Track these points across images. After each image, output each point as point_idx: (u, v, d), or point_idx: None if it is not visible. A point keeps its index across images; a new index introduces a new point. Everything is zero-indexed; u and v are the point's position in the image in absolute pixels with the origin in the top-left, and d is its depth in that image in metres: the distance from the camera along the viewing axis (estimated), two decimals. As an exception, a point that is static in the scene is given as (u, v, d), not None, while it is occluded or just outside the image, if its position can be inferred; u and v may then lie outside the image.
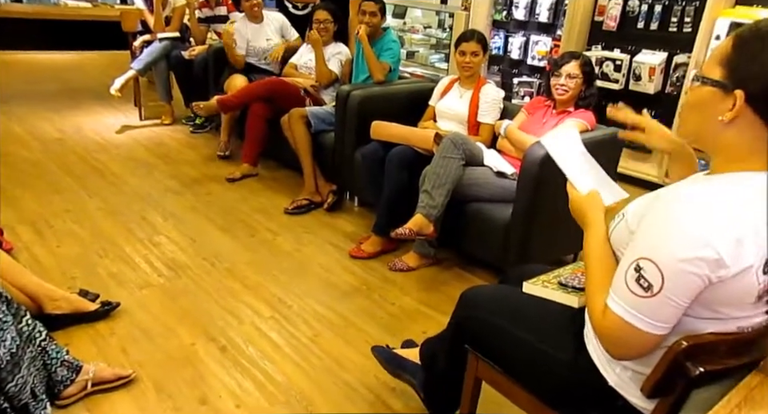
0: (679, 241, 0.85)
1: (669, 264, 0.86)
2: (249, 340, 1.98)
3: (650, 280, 0.88)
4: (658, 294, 0.88)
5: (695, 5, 3.37)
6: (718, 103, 0.88)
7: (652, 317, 0.90)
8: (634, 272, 0.90)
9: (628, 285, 0.91)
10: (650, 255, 0.88)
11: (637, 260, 0.90)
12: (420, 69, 5.27)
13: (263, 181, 3.44)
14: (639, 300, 0.90)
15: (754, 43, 0.85)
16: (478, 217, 2.41)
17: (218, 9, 4.16)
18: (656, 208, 0.92)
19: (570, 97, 2.43)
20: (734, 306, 0.91)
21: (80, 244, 2.53)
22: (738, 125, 0.88)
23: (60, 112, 4.47)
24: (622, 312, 0.93)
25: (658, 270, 0.87)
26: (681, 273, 0.86)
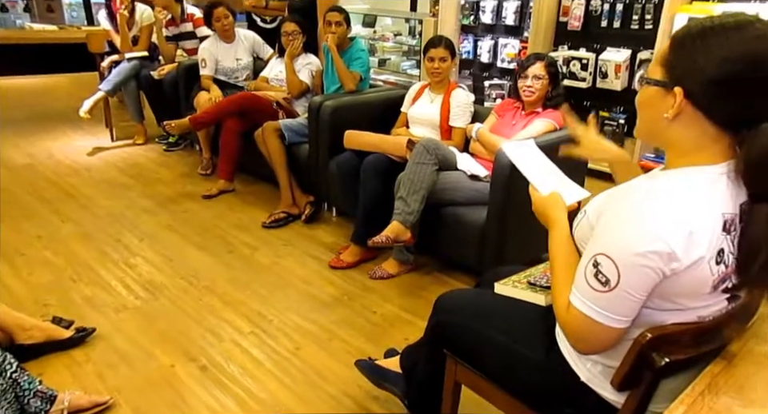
0: (632, 236, 0.88)
1: (623, 259, 0.88)
2: (229, 357, 1.96)
3: (607, 274, 0.90)
4: (615, 288, 0.90)
5: (654, 3, 3.45)
6: (661, 101, 0.91)
7: (612, 311, 0.92)
8: (593, 267, 0.92)
9: (587, 281, 0.93)
10: (606, 250, 0.90)
11: (594, 255, 0.92)
12: (392, 76, 5.30)
13: (240, 196, 3.42)
14: (598, 294, 0.92)
15: (687, 42, 0.89)
16: (453, 221, 2.42)
17: (184, 25, 4.14)
18: (611, 205, 0.95)
19: (537, 97, 2.46)
20: (690, 296, 0.93)
21: (53, 271, 2.48)
22: (682, 121, 0.90)
23: (27, 137, 4.40)
24: (583, 307, 0.95)
25: (613, 265, 0.89)
26: (635, 267, 0.88)
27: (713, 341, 0.94)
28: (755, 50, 0.84)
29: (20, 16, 8.83)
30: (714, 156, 0.90)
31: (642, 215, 0.87)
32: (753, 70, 0.84)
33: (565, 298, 0.99)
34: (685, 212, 0.86)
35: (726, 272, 0.91)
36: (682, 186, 0.89)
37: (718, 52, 0.85)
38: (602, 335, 0.95)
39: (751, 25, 0.85)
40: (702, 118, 0.89)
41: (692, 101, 0.88)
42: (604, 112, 3.80)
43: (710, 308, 0.95)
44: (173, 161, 4.03)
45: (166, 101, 4.10)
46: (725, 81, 0.85)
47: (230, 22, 3.69)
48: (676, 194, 0.88)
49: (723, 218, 0.88)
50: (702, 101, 0.88)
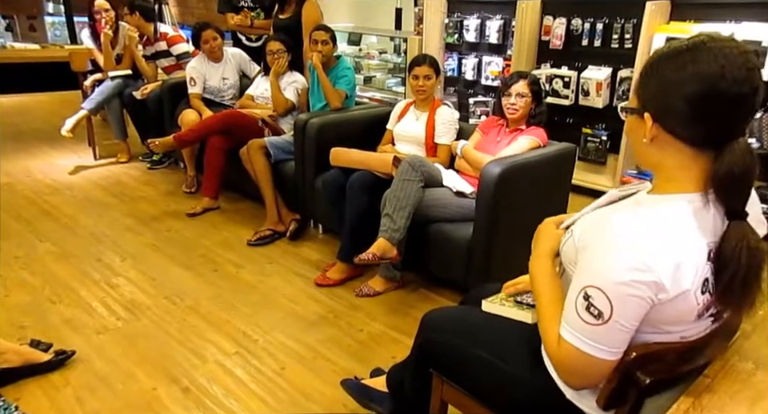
0: (621, 267, 0.87)
1: (614, 290, 0.88)
2: (213, 378, 1.92)
3: (600, 307, 0.89)
4: (609, 321, 0.89)
5: (633, 23, 3.53)
6: (639, 128, 0.95)
7: (606, 344, 0.91)
8: (583, 300, 0.91)
9: (579, 314, 0.92)
10: (596, 282, 0.89)
11: (584, 288, 0.91)
12: (378, 93, 5.34)
13: (225, 213, 3.39)
14: (592, 327, 0.91)
15: (648, 70, 0.94)
16: (440, 238, 2.42)
17: (158, 44, 4.14)
18: (597, 235, 0.94)
19: (521, 115, 2.49)
20: (675, 324, 0.93)
21: (30, 292, 2.42)
22: (658, 145, 0.94)
23: (6, 156, 4.33)
24: (576, 342, 0.93)
25: (605, 297, 0.88)
26: (626, 298, 0.87)
27: (697, 359, 0.95)
28: (706, 72, 0.85)
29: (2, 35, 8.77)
30: (698, 181, 0.91)
31: (629, 246, 0.87)
32: (707, 91, 0.86)
33: (554, 332, 0.98)
34: (671, 244, 0.87)
35: (710, 301, 0.92)
36: (667, 217, 0.90)
37: (673, 76, 0.88)
38: (597, 368, 0.93)
39: (703, 45, 0.87)
40: (674, 140, 0.92)
41: (661, 124, 0.91)
42: (586, 128, 3.85)
43: (694, 330, 0.96)
44: (157, 179, 3.99)
45: (150, 119, 4.08)
46: (684, 104, 0.87)
47: (218, 44, 3.71)
48: (662, 225, 0.89)
49: (708, 248, 0.89)
50: (668, 124, 0.91)
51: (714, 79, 0.85)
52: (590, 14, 3.73)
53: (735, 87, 0.84)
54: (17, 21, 8.90)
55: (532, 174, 2.37)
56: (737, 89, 0.84)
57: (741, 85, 0.84)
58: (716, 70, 0.85)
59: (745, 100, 0.86)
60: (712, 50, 0.86)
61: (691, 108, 0.87)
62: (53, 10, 9.18)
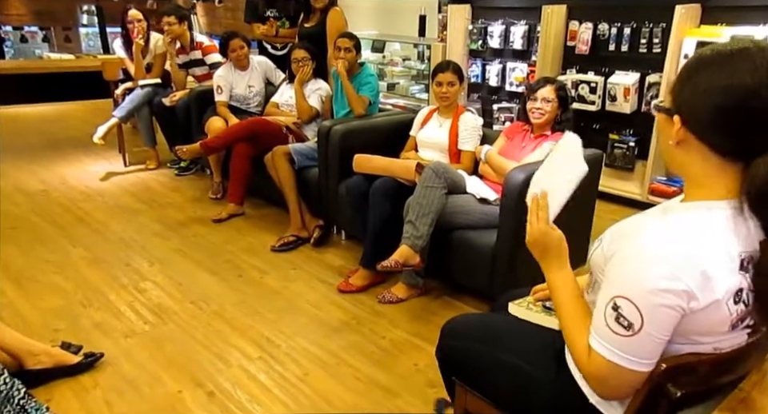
0: (649, 277, 0.85)
1: (644, 301, 0.86)
2: (237, 383, 1.94)
3: (630, 318, 0.87)
4: (639, 332, 0.87)
5: (662, 27, 3.46)
6: (668, 128, 0.93)
7: (638, 355, 0.89)
8: (612, 311, 0.89)
9: (609, 326, 0.90)
10: (625, 293, 0.88)
11: (613, 298, 0.89)
12: (401, 100, 5.35)
13: (250, 219, 3.43)
14: (622, 339, 0.89)
15: (685, 72, 0.91)
16: (463, 245, 2.41)
17: (193, 53, 4.23)
18: (625, 243, 0.92)
19: (546, 120, 2.46)
20: (708, 335, 0.91)
21: (63, 296, 2.49)
22: (686, 149, 0.91)
23: (43, 163, 4.47)
24: (607, 354, 0.91)
25: (635, 307, 0.87)
26: (657, 308, 0.86)
27: (731, 373, 0.91)
28: (741, 85, 0.83)
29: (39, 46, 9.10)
30: (728, 189, 0.89)
31: (658, 255, 0.85)
32: (738, 105, 0.83)
33: (582, 343, 0.97)
34: (700, 252, 0.85)
35: (745, 311, 0.89)
36: (696, 224, 0.88)
37: (707, 84, 0.86)
38: (629, 379, 0.91)
39: (745, 52, 0.84)
40: (703, 147, 0.89)
41: (689, 129, 0.89)
42: (614, 135, 3.79)
43: (728, 341, 0.93)
44: (184, 185, 4.07)
45: (178, 126, 4.16)
46: (714, 113, 0.85)
47: (245, 52, 3.78)
48: (691, 233, 0.87)
49: (741, 257, 0.86)
50: (697, 130, 0.89)
51: (747, 94, 0.82)
52: (617, 19, 3.68)
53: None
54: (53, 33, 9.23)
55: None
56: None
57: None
58: (751, 85, 0.82)
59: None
60: (754, 62, 0.83)
61: (721, 119, 0.85)
62: (87, 22, 9.49)
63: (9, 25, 8.79)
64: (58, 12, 9.02)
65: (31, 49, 8.98)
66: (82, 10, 9.37)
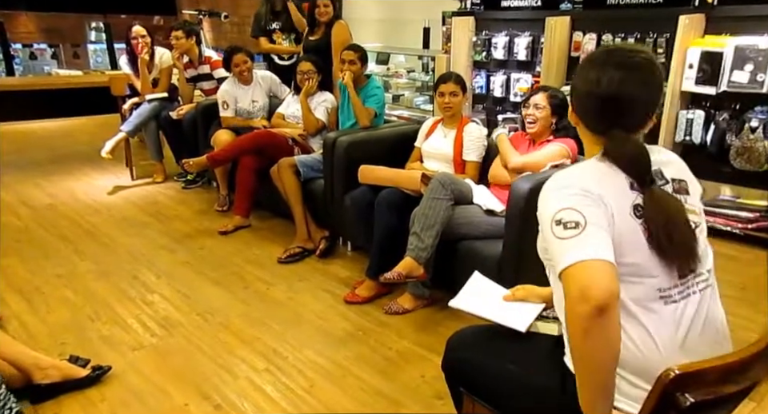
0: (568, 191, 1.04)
1: (574, 202, 1.00)
2: (243, 395, 1.93)
3: (573, 218, 0.99)
4: (587, 225, 0.97)
5: (666, 37, 3.47)
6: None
7: (598, 244, 0.96)
8: (557, 225, 1.00)
9: (559, 236, 0.98)
10: (556, 207, 1.01)
11: (552, 218, 1.01)
12: (406, 111, 5.38)
13: (256, 231, 3.44)
14: (577, 239, 0.97)
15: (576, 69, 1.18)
16: (470, 255, 2.40)
17: (201, 67, 4.28)
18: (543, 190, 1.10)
19: (540, 127, 2.48)
20: (633, 250, 1.02)
21: (71, 309, 2.50)
22: (581, 129, 1.19)
23: (50, 178, 4.52)
24: (573, 258, 0.95)
25: (572, 209, 0.99)
26: (586, 207, 1.00)
27: (740, 381, 0.90)
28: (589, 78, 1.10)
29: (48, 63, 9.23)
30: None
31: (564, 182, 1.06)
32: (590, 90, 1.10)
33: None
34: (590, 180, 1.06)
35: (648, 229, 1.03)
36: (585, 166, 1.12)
37: (579, 79, 1.14)
38: (601, 273, 0.94)
39: (596, 53, 1.16)
40: (582, 126, 1.18)
41: (575, 113, 1.18)
42: (619, 143, 3.78)
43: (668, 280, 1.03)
44: (190, 198, 4.10)
45: (184, 140, 4.20)
46: (580, 100, 1.15)
47: (248, 67, 3.81)
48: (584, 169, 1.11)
49: (628, 180, 1.06)
50: (578, 112, 1.17)
51: (594, 83, 1.09)
52: (621, 29, 3.69)
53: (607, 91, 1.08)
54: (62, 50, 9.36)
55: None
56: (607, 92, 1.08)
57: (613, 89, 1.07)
58: (596, 77, 1.09)
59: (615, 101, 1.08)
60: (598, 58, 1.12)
61: (581, 104, 1.15)
62: (95, 38, 9.62)
63: (18, 43, 8.92)
64: (66, 29, 9.15)
65: (40, 66, 9.11)
66: (90, 27, 9.51)
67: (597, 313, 0.91)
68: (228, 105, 3.81)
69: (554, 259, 1.00)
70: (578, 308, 0.93)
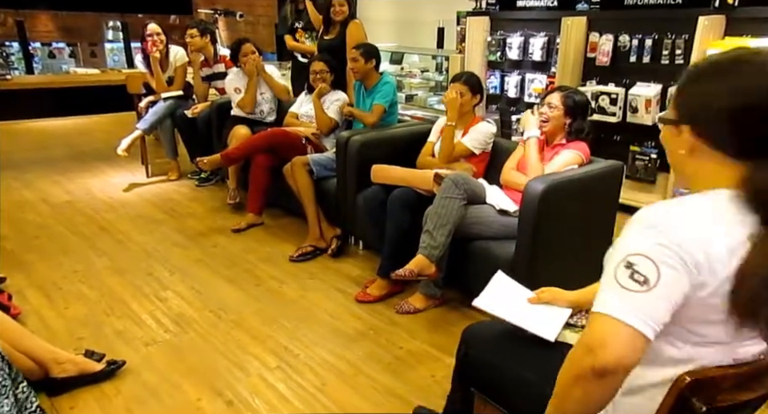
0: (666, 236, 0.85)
1: (660, 255, 0.85)
2: (255, 392, 1.94)
3: (645, 273, 0.85)
4: (654, 287, 0.84)
5: (685, 38, 3.43)
6: (676, 139, 0.96)
7: (649, 315, 0.85)
8: (626, 269, 0.86)
9: (621, 283, 0.86)
10: (639, 250, 0.86)
11: (626, 257, 0.87)
12: (419, 111, 5.37)
13: (268, 229, 3.46)
14: (636, 296, 0.85)
15: (687, 80, 0.96)
16: (482, 256, 2.39)
17: (217, 66, 4.31)
18: (632, 219, 0.92)
19: (553, 127, 2.46)
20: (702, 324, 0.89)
21: (87, 305, 2.53)
22: (697, 156, 0.94)
23: (68, 175, 4.58)
24: (617, 312, 0.85)
25: (651, 262, 0.85)
26: (671, 268, 0.84)
27: (757, 388, 0.89)
28: (749, 85, 0.87)
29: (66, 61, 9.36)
30: (735, 181, 0.90)
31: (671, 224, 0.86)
32: (748, 105, 0.87)
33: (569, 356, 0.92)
34: (706, 228, 0.85)
35: None
36: (705, 204, 0.89)
37: (713, 89, 0.91)
38: (633, 345, 0.84)
39: (745, 58, 0.90)
40: (712, 151, 0.92)
41: (699, 136, 0.93)
42: (635, 146, 3.75)
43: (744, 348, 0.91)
44: (204, 196, 4.13)
45: (199, 138, 4.24)
46: (724, 116, 0.89)
47: (256, 57, 3.84)
48: (700, 213, 0.88)
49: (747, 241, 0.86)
50: (707, 135, 0.92)
51: (758, 92, 0.86)
52: (638, 30, 3.65)
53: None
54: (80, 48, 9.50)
55: (577, 192, 2.33)
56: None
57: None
58: (760, 84, 0.86)
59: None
60: (756, 64, 0.88)
61: (730, 121, 0.88)
62: (112, 37, 9.74)
63: (38, 42, 9.07)
64: (84, 28, 9.28)
65: (58, 65, 9.24)
66: (108, 26, 9.62)
67: (594, 373, 0.85)
68: (241, 90, 3.85)
69: (600, 292, 0.90)
70: (581, 355, 0.88)
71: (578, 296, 1.34)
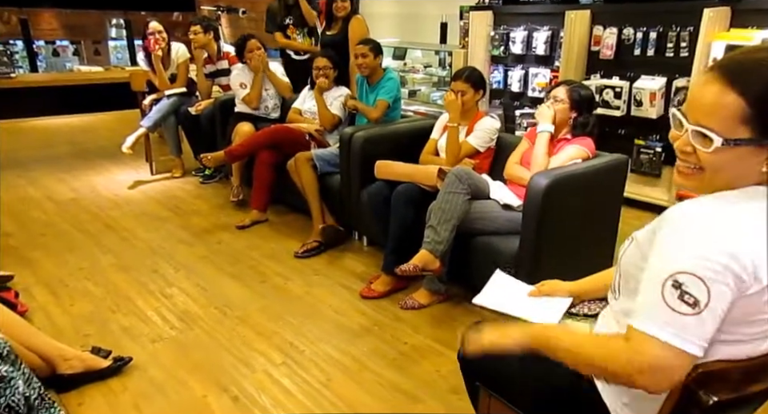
0: (715, 251, 0.83)
1: (709, 274, 0.82)
2: (261, 388, 1.95)
3: (696, 295, 0.83)
4: (705, 309, 0.82)
5: (689, 31, 3.40)
6: (755, 157, 0.87)
7: (699, 336, 0.84)
8: (674, 289, 0.84)
9: (670, 305, 0.84)
10: (688, 268, 0.83)
11: (672, 275, 0.84)
12: (422, 106, 5.36)
13: (273, 226, 3.47)
14: (686, 319, 0.83)
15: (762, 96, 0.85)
16: (486, 251, 2.39)
17: (220, 63, 4.31)
18: (677, 223, 0.88)
19: (559, 120, 2.45)
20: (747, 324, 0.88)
21: (93, 302, 2.54)
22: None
23: (73, 173, 4.60)
24: (667, 337, 0.84)
25: (701, 282, 0.82)
26: (721, 284, 0.82)
27: (765, 380, 0.88)
28: None
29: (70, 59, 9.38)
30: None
31: (717, 232, 0.83)
32: None
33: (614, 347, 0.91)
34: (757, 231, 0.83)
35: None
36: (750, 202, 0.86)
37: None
38: (683, 366, 0.85)
39: None
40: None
41: None
42: (639, 140, 3.73)
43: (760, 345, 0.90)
44: (208, 193, 4.14)
45: (202, 135, 4.24)
46: None
47: (262, 53, 3.83)
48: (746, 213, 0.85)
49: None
50: None
51: None
52: (642, 23, 3.63)
53: None
54: (83, 46, 9.51)
55: (581, 186, 2.32)
56: None
57: None
58: None
59: None
60: None
61: None
62: (115, 35, 9.75)
63: (41, 40, 9.09)
64: (88, 26, 9.29)
65: (62, 63, 9.27)
66: (111, 24, 9.63)
67: (638, 386, 0.87)
68: (246, 85, 3.85)
69: (641, 305, 0.88)
70: (633, 372, 0.87)
71: (577, 286, 1.34)
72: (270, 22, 4.56)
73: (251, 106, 3.88)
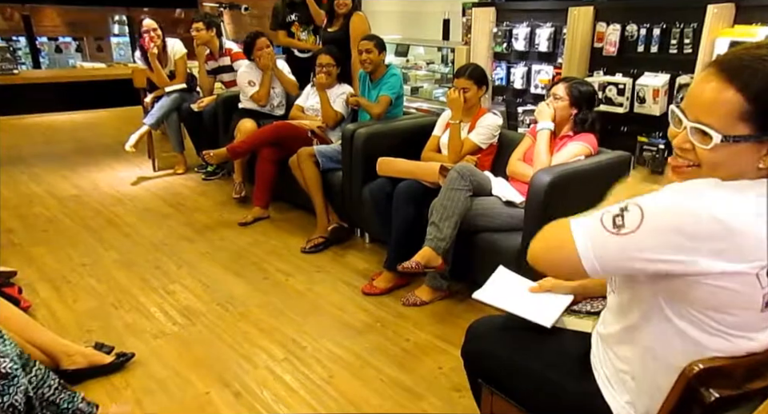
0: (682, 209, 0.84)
1: (657, 219, 0.85)
2: (263, 384, 1.96)
3: (627, 222, 0.86)
4: (624, 236, 0.87)
5: (693, 27, 3.39)
6: (753, 154, 0.87)
7: (600, 254, 0.89)
8: (618, 210, 0.89)
9: (602, 218, 0.90)
10: (644, 204, 0.87)
11: (627, 203, 0.88)
12: (425, 103, 5.34)
13: (275, 223, 3.47)
14: (601, 233, 0.89)
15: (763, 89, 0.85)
16: (489, 248, 2.39)
17: (222, 59, 4.31)
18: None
19: (560, 118, 2.44)
20: (739, 310, 0.86)
21: (96, 298, 2.55)
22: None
23: (76, 169, 4.61)
24: (577, 234, 0.92)
25: (641, 217, 0.85)
26: (663, 233, 0.84)
27: (766, 377, 0.88)
28: None
29: (72, 56, 9.39)
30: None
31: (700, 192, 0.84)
32: None
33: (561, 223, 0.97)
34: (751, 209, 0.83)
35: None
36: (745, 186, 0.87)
37: None
38: (571, 267, 0.91)
39: None
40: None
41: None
42: (642, 137, 3.72)
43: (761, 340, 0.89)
44: (211, 189, 4.14)
45: (205, 131, 4.25)
46: None
47: (270, 51, 3.83)
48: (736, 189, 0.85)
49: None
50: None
51: None
52: (646, 20, 3.61)
53: None
54: (86, 43, 9.52)
55: (583, 183, 2.31)
56: None
57: None
58: None
59: None
60: None
61: None
62: (118, 31, 9.75)
63: (44, 37, 9.09)
64: (90, 23, 9.29)
65: (65, 59, 9.28)
66: (114, 21, 9.63)
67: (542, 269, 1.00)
68: (255, 82, 3.85)
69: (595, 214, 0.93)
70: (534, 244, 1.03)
71: (579, 283, 1.34)
72: (274, 20, 4.55)
73: (260, 104, 3.87)
